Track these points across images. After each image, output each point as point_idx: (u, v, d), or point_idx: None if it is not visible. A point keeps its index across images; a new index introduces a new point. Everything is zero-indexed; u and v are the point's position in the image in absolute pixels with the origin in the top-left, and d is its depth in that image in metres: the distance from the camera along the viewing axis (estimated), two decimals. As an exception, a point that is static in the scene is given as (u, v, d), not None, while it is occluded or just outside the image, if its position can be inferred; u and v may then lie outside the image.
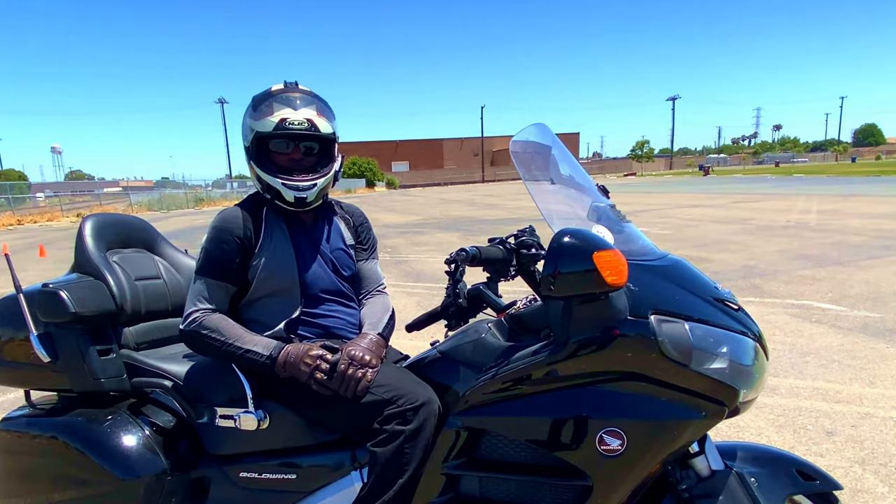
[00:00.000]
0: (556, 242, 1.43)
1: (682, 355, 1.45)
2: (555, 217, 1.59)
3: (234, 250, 1.86)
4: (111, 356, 1.94)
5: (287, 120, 1.83)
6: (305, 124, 1.85)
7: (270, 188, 1.89)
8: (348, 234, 2.10)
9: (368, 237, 2.16)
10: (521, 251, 1.61)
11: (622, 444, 1.47)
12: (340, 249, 2.04)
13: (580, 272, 1.39)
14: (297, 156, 1.90)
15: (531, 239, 1.64)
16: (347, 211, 2.16)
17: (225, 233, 1.88)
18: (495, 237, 1.64)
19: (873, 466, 2.97)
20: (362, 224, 2.16)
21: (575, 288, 1.42)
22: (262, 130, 1.85)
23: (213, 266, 1.86)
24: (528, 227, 1.73)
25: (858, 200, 18.76)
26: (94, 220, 2.16)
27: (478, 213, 22.15)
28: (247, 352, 1.79)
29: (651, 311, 1.46)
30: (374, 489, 1.69)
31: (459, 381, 1.74)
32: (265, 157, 1.90)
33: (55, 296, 1.85)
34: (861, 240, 10.29)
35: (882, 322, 5.39)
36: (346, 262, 2.04)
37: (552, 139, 1.78)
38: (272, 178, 1.87)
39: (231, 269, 1.87)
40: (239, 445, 1.89)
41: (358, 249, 2.11)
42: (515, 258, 1.60)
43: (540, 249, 1.62)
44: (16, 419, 2.02)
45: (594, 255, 1.37)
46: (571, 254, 1.41)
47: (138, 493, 1.83)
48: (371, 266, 2.14)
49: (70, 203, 40.57)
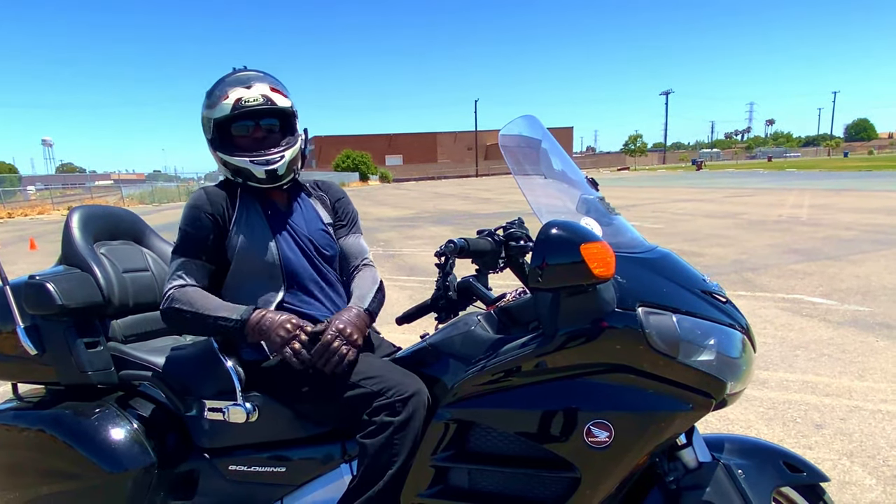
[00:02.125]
0: (544, 234, 1.42)
1: (670, 347, 1.45)
2: (543, 209, 1.58)
3: (207, 227, 1.85)
4: (98, 349, 1.93)
5: (242, 99, 1.83)
6: (261, 100, 1.85)
7: (239, 170, 1.88)
8: (325, 212, 2.08)
9: (347, 212, 2.13)
10: (509, 243, 1.60)
11: (610, 436, 1.47)
12: (320, 230, 2.02)
13: (568, 264, 1.39)
14: (259, 134, 1.89)
15: (520, 231, 1.63)
16: (323, 189, 2.13)
17: (197, 210, 1.87)
18: (484, 229, 1.63)
19: (861, 459, 2.99)
20: (339, 200, 2.13)
21: (562, 280, 1.42)
22: (220, 115, 1.84)
23: (188, 244, 1.85)
24: (516, 219, 1.73)
25: (850, 195, 18.85)
26: (82, 211, 2.15)
27: (471, 207, 22.14)
28: (217, 319, 1.77)
29: (638, 303, 1.46)
30: (363, 481, 1.69)
31: (449, 373, 1.74)
32: (229, 144, 1.89)
33: (42, 288, 1.83)
34: (852, 234, 10.35)
35: (872, 316, 5.42)
36: (327, 242, 2.02)
37: (542, 131, 1.77)
38: (239, 159, 1.86)
39: (206, 245, 1.85)
40: (228, 438, 1.89)
41: (338, 226, 2.09)
42: (504, 250, 1.60)
43: (528, 241, 1.62)
44: (2, 412, 2.00)
45: (582, 247, 1.37)
46: (559, 246, 1.40)
47: (126, 486, 1.82)
48: (354, 240, 2.10)
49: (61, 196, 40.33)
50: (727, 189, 24.82)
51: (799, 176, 34.69)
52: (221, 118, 1.85)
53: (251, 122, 1.88)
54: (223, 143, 1.89)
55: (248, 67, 1.95)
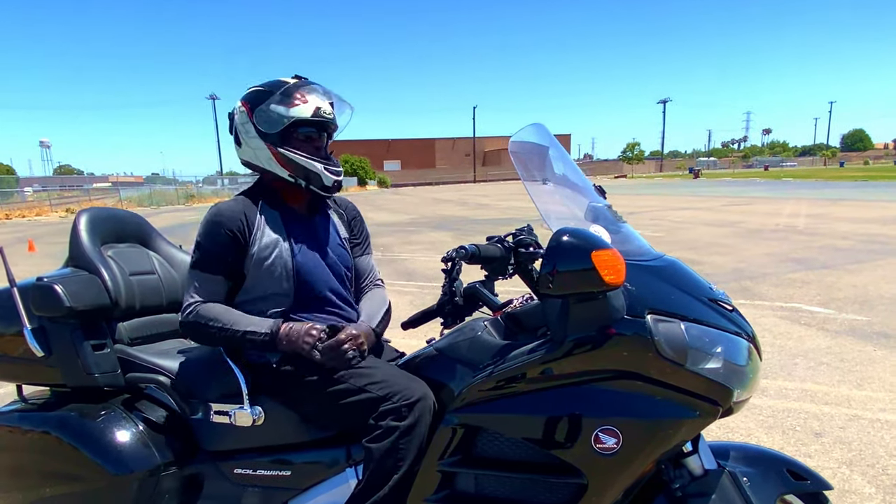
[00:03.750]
0: (555, 241, 1.44)
1: (678, 355, 1.46)
2: (553, 217, 1.59)
3: (226, 244, 1.86)
4: (105, 351, 1.94)
5: (321, 109, 1.89)
6: (331, 115, 1.92)
7: (305, 172, 1.91)
8: (343, 227, 2.10)
9: (361, 231, 2.17)
10: (518, 250, 1.61)
11: (617, 443, 1.48)
12: (338, 244, 2.04)
13: (578, 271, 1.40)
14: (318, 144, 1.95)
15: (529, 238, 1.65)
16: (340, 205, 2.16)
17: (217, 226, 1.87)
18: (493, 235, 1.65)
19: (861, 468, 3.00)
20: (355, 218, 2.17)
21: (573, 287, 1.43)
22: (301, 116, 1.88)
23: (206, 260, 1.86)
24: (525, 225, 1.74)
25: (846, 205, 18.92)
26: (89, 214, 2.15)
27: (470, 212, 22.17)
28: (245, 333, 1.80)
29: (647, 310, 1.47)
30: (368, 485, 1.69)
31: (455, 378, 1.75)
32: (290, 144, 1.91)
33: (50, 290, 1.84)
34: (849, 244, 10.39)
35: (870, 325, 5.45)
36: (343, 258, 2.04)
37: (550, 139, 1.78)
38: (312, 162, 1.90)
39: (224, 262, 1.86)
40: (233, 442, 1.89)
41: (353, 244, 2.11)
42: (513, 257, 1.61)
43: (538, 248, 1.63)
44: (7, 414, 2.01)
45: (593, 255, 1.38)
46: (570, 253, 1.42)
47: (131, 488, 1.82)
48: (366, 260, 2.15)
49: (59, 198, 40.23)
50: (724, 198, 24.90)
51: (795, 185, 34.81)
52: (301, 119, 1.88)
53: (316, 132, 1.93)
54: (285, 143, 1.91)
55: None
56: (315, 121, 1.89)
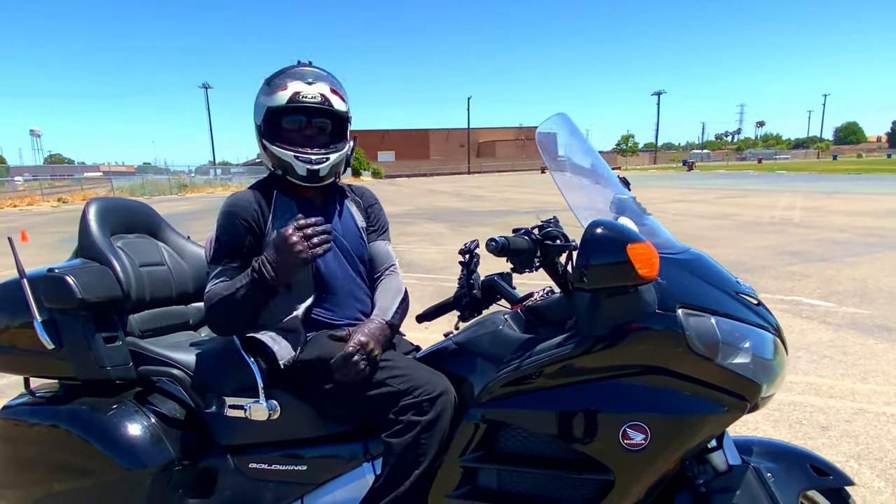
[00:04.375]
0: (590, 234, 1.41)
1: (709, 350, 1.44)
2: (581, 208, 1.57)
3: (242, 234, 1.83)
4: (117, 344, 1.90)
5: (300, 94, 1.81)
6: (318, 98, 1.83)
7: (282, 163, 1.86)
8: (360, 216, 2.06)
9: (379, 218, 2.12)
10: (545, 242, 1.58)
11: (645, 439, 1.46)
12: (355, 235, 2.00)
13: (613, 264, 1.38)
14: (309, 132, 1.87)
15: (556, 230, 1.62)
16: (357, 193, 2.12)
17: (233, 217, 1.84)
18: (520, 227, 1.62)
19: (869, 461, 3.00)
20: (372, 205, 2.12)
21: (607, 280, 1.41)
22: (275, 105, 1.82)
23: (225, 252, 1.83)
24: (552, 217, 1.71)
25: (841, 198, 18.98)
26: (99, 203, 2.11)
27: (465, 204, 22.12)
28: (239, 288, 1.74)
29: (679, 304, 1.45)
30: (389, 481, 1.67)
31: (476, 372, 1.72)
32: (277, 134, 1.87)
33: (61, 281, 1.80)
34: (846, 237, 10.42)
35: (871, 318, 5.46)
36: (360, 247, 2.01)
37: (575, 130, 1.75)
38: (283, 152, 1.84)
39: (241, 251, 1.83)
40: (248, 436, 1.86)
41: (369, 231, 2.07)
42: (539, 249, 1.58)
43: (565, 240, 1.60)
44: (16, 407, 1.97)
45: (628, 248, 1.36)
46: (605, 246, 1.39)
47: (145, 483, 1.80)
48: (382, 246, 2.09)
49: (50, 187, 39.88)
50: (719, 190, 24.93)
51: (789, 178, 34.92)
52: (276, 107, 1.83)
53: (303, 118, 1.86)
54: (272, 133, 1.87)
55: (312, 64, 1.93)
56: (293, 107, 1.82)
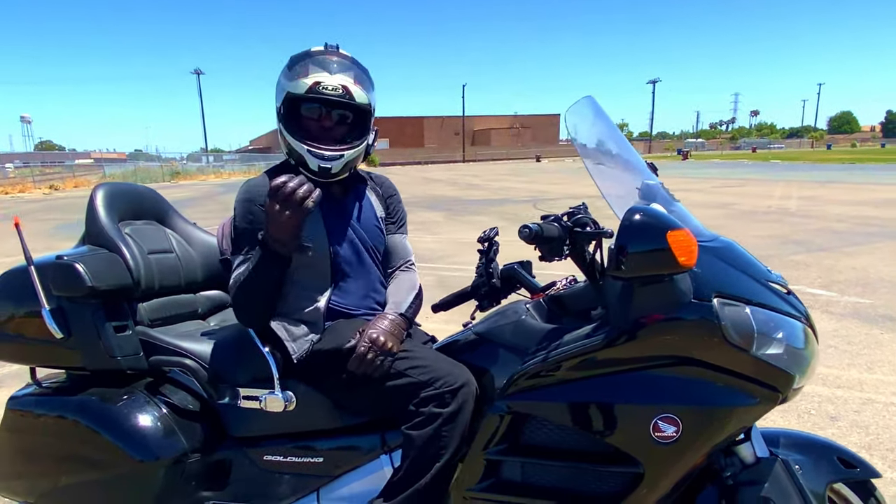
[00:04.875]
0: (628, 220, 1.36)
1: (744, 340, 1.40)
2: (613, 195, 1.52)
3: (261, 221, 1.75)
4: (127, 333, 1.85)
5: (321, 84, 1.73)
6: (339, 90, 1.75)
7: (295, 154, 1.80)
8: (379, 206, 2.00)
9: (398, 210, 2.05)
10: (575, 230, 1.54)
11: (677, 431, 1.43)
12: (374, 225, 1.94)
13: (652, 252, 1.33)
14: (328, 123, 1.80)
15: (586, 217, 1.57)
16: (377, 182, 2.05)
17: (251, 204, 1.78)
18: (549, 214, 1.57)
19: (880, 452, 2.99)
20: (392, 196, 2.05)
21: (645, 268, 1.36)
22: (294, 92, 1.75)
23: (245, 241, 1.77)
24: (581, 203, 1.66)
25: (836, 187, 19.00)
26: (106, 189, 2.05)
27: (461, 192, 22.04)
28: (253, 269, 1.68)
29: (714, 293, 1.41)
30: (409, 474, 1.63)
31: (498, 363, 1.68)
32: (295, 122, 1.80)
33: (71, 269, 1.74)
34: (844, 226, 10.42)
35: (873, 308, 5.45)
36: (378, 239, 1.95)
37: (601, 113, 1.70)
38: (298, 144, 1.78)
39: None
40: (263, 427, 1.82)
41: (387, 222, 2.01)
42: (569, 236, 1.53)
43: (596, 227, 1.56)
44: (24, 398, 1.93)
45: (668, 235, 1.31)
46: (644, 233, 1.34)
47: (157, 475, 1.75)
48: (399, 240, 2.03)
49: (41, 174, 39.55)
50: (715, 179, 24.93)
51: (784, 167, 34.96)
52: (295, 95, 1.76)
53: (323, 109, 1.79)
54: (289, 119, 1.80)
55: (339, 48, 1.85)
56: (312, 97, 1.75)
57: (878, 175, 24.60)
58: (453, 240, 10.21)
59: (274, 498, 1.85)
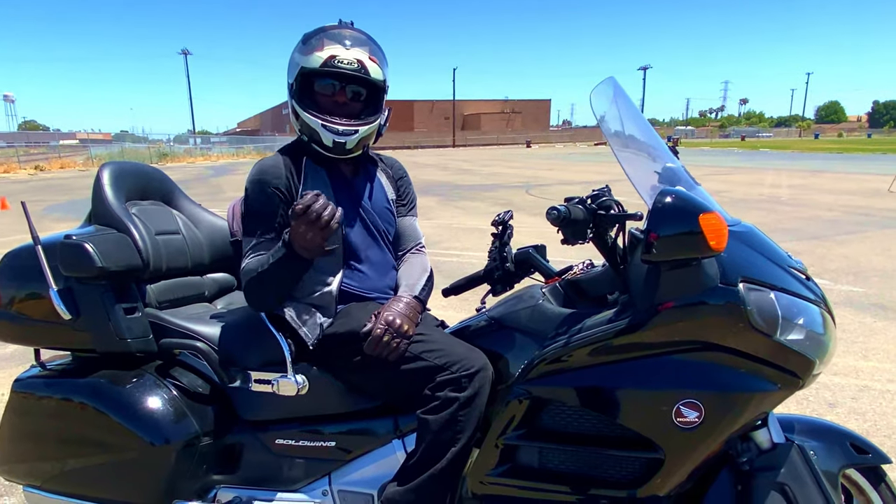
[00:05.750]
0: (660, 203, 1.35)
1: (769, 325, 1.40)
2: (640, 178, 1.50)
3: (275, 203, 1.74)
4: (137, 315, 1.81)
5: (336, 58, 1.70)
6: (355, 64, 1.72)
7: (309, 129, 1.77)
8: (390, 188, 1.97)
9: (408, 192, 2.03)
10: (599, 212, 1.52)
11: (699, 416, 1.42)
12: (385, 207, 1.92)
13: (684, 235, 1.32)
14: (342, 98, 1.77)
15: (610, 199, 1.55)
16: (388, 164, 2.03)
17: (264, 185, 1.75)
18: (573, 197, 1.55)
19: (878, 439, 3.01)
20: (402, 178, 2.03)
21: (676, 252, 1.35)
22: (309, 66, 1.72)
23: (257, 222, 1.74)
24: (605, 186, 1.64)
25: (825, 177, 19.14)
26: (113, 168, 2.01)
27: (452, 177, 21.95)
28: (273, 263, 1.64)
29: (740, 278, 1.40)
30: (424, 458, 1.62)
31: (515, 348, 1.67)
32: (308, 97, 1.77)
33: (80, 249, 1.71)
34: (834, 215, 10.50)
35: (866, 296, 5.50)
36: (389, 221, 1.93)
37: (623, 94, 1.68)
38: (311, 118, 1.74)
39: (275, 222, 1.74)
40: (275, 411, 1.81)
41: (397, 205, 1.99)
42: (593, 220, 1.52)
43: (621, 210, 1.54)
44: (30, 380, 1.89)
45: (700, 218, 1.30)
46: (676, 215, 1.33)
47: (169, 458, 1.73)
48: (410, 222, 2.01)
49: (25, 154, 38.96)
50: (705, 167, 24.97)
51: (773, 156, 35.15)
52: (309, 70, 1.72)
53: (337, 84, 1.76)
54: (303, 95, 1.77)
55: (354, 24, 1.82)
56: (327, 71, 1.72)
57: (866, 165, 24.80)
58: (447, 225, 10.18)
59: (285, 482, 1.84)
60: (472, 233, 9.27)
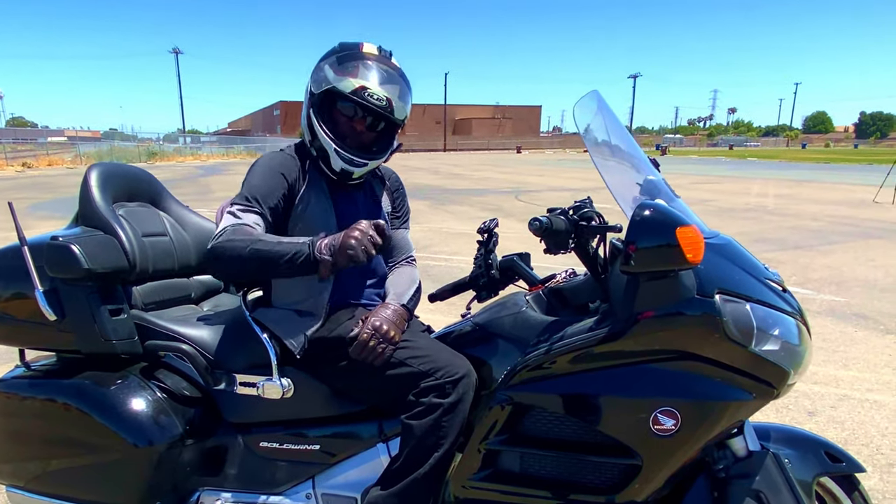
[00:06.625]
0: (639, 216, 1.38)
1: (744, 336, 1.43)
2: (620, 191, 1.53)
3: (278, 185, 1.75)
4: (122, 316, 1.82)
5: (367, 90, 1.72)
6: (384, 102, 1.74)
7: (320, 147, 1.79)
8: (387, 200, 2.00)
9: (403, 205, 2.06)
10: (580, 223, 1.55)
11: (675, 424, 1.45)
12: (381, 219, 1.94)
13: (661, 247, 1.35)
14: (360, 127, 1.80)
15: (592, 211, 1.58)
16: (385, 175, 2.05)
17: (275, 166, 1.78)
18: (555, 207, 1.58)
19: (856, 447, 3.06)
20: (398, 189, 2.06)
21: (654, 264, 1.38)
22: (339, 89, 1.73)
23: (254, 192, 1.72)
24: (586, 197, 1.68)
25: (811, 186, 19.35)
26: (100, 169, 2.01)
27: (443, 182, 22.01)
28: (278, 243, 1.58)
29: (716, 290, 1.44)
30: (407, 463, 1.64)
31: (498, 355, 1.70)
32: (327, 112, 1.79)
33: (67, 250, 1.71)
34: (819, 225, 10.62)
35: (848, 306, 5.57)
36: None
37: (606, 108, 1.72)
38: (326, 139, 1.76)
39: (270, 200, 1.73)
40: (259, 414, 1.82)
41: (392, 217, 2.01)
42: (575, 230, 1.55)
43: (602, 222, 1.57)
44: (14, 380, 1.89)
45: (678, 231, 1.33)
46: (654, 228, 1.36)
47: (151, 460, 1.74)
48: (402, 235, 2.04)
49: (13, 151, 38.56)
50: (693, 176, 25.18)
51: (760, 165, 35.47)
52: (338, 92, 1.73)
53: (360, 112, 1.78)
54: (322, 108, 1.78)
55: (392, 56, 1.83)
56: (354, 100, 1.73)
57: (852, 175, 25.06)
58: (437, 229, 10.21)
59: (269, 485, 1.85)
60: (460, 237, 9.31)
